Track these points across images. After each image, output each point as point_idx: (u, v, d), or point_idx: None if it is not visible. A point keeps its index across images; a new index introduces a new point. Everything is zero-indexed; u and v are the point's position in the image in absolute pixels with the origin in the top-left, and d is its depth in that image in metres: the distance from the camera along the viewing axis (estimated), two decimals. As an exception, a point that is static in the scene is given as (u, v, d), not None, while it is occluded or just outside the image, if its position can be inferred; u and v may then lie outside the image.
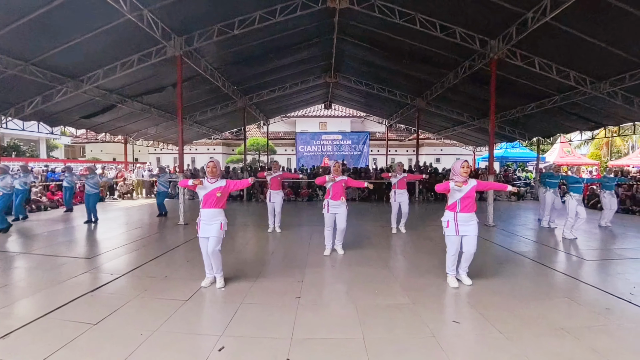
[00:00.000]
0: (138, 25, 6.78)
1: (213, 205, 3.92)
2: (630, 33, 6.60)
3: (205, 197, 3.95)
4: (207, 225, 3.91)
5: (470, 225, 3.95)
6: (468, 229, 3.95)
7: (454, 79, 10.71)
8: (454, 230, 3.95)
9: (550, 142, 19.65)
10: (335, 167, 5.34)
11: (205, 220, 3.92)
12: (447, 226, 4.01)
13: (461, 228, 3.93)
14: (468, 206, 3.94)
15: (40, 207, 10.51)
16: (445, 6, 7.32)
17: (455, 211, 3.95)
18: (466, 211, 3.94)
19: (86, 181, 8.39)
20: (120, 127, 14.79)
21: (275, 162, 8.39)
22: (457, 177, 3.90)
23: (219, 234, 3.91)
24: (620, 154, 25.92)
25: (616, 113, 10.75)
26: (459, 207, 3.93)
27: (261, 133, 27.53)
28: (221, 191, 3.94)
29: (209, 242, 3.90)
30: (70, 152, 31.51)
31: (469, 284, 4.08)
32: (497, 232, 7.56)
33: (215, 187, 3.94)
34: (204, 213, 3.93)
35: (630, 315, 3.30)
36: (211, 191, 3.93)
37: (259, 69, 11.67)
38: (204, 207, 3.95)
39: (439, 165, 22.22)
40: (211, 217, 3.90)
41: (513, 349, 2.66)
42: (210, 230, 3.89)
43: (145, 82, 10.39)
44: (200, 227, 3.94)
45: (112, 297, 3.68)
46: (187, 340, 2.82)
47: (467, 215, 3.94)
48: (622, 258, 5.50)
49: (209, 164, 4.05)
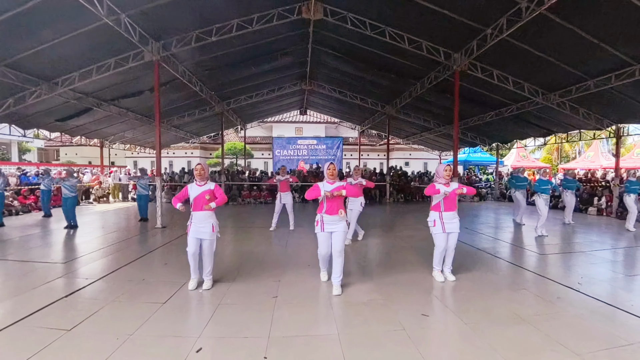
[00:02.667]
0: (115, 29, 6.72)
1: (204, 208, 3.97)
2: (575, 49, 7.37)
3: (195, 200, 3.99)
4: (199, 228, 3.95)
5: (453, 222, 4.34)
6: (452, 227, 4.32)
7: (421, 89, 11.30)
8: (440, 228, 4.29)
9: (508, 147, 21.00)
10: (330, 170, 4.05)
11: (196, 222, 3.96)
12: (433, 225, 4.35)
13: (447, 225, 4.29)
14: (451, 205, 4.31)
15: (12, 212, 10.02)
16: (413, 21, 7.78)
17: (440, 211, 4.30)
18: (450, 210, 4.30)
19: (63, 184, 8.15)
20: (96, 130, 14.24)
21: (283, 167, 8.63)
22: (440, 179, 4.28)
23: (212, 236, 3.99)
24: (568, 158, 28.08)
25: (564, 121, 11.75)
26: (442, 207, 4.29)
27: (239, 137, 27.40)
28: (210, 194, 4.00)
29: (204, 244, 3.97)
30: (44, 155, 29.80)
31: (453, 279, 4.41)
32: (462, 230, 8.06)
33: (205, 190, 4.00)
34: (196, 216, 3.97)
35: (577, 303, 3.71)
36: (200, 194, 3.98)
37: (237, 76, 11.74)
38: (195, 209, 3.99)
39: (408, 169, 23.16)
40: (202, 219, 3.95)
41: (476, 338, 2.91)
42: (203, 233, 3.95)
43: (123, 86, 10.15)
44: (190, 228, 3.97)
45: (87, 302, 3.61)
46: (164, 343, 2.80)
47: (451, 214, 4.31)
48: (572, 251, 6.12)
49: (197, 167, 4.09)
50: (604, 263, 5.36)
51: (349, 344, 2.82)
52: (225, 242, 6.81)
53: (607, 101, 9.39)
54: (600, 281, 4.45)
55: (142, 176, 9.54)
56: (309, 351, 2.73)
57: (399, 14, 7.68)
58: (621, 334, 2.97)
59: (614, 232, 8.02)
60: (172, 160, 27.20)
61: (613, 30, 6.51)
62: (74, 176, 8.66)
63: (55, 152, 30.54)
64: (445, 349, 2.82)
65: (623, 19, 6.10)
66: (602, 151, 20.95)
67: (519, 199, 8.99)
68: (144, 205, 9.23)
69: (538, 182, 8.03)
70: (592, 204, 11.59)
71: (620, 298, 3.86)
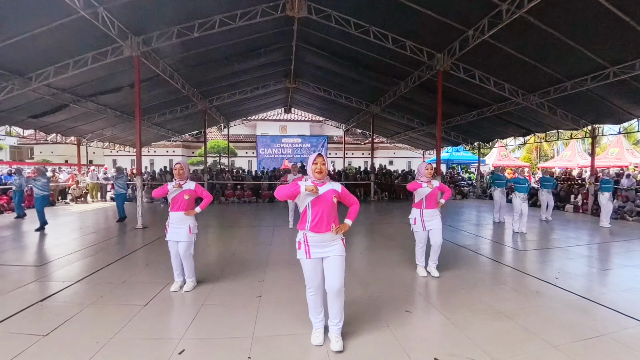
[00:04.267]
0: (93, 22, 6.52)
1: (182, 208, 3.85)
2: (554, 52, 7.61)
3: (173, 200, 3.88)
4: (176, 229, 3.84)
5: (434, 219, 4.42)
6: (433, 223, 4.41)
7: (405, 88, 11.42)
8: (420, 226, 4.41)
9: (489, 146, 21.45)
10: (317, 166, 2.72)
11: (173, 223, 3.85)
12: (414, 223, 4.45)
13: (427, 223, 4.39)
14: (432, 203, 4.40)
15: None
16: (397, 20, 7.85)
17: (421, 208, 4.40)
18: (431, 207, 4.39)
19: (34, 183, 7.88)
20: (73, 127, 13.79)
21: (294, 164, 8.58)
22: (422, 178, 4.36)
23: (189, 238, 3.85)
24: (547, 157, 28.95)
25: (543, 121, 12.10)
26: (424, 204, 4.38)
27: (222, 136, 27.11)
28: (189, 194, 3.89)
29: (180, 246, 3.85)
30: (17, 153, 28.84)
31: (437, 275, 4.47)
32: (444, 228, 8.19)
33: (183, 190, 3.88)
34: (173, 216, 3.86)
35: (555, 296, 3.83)
36: (179, 194, 3.87)
37: (220, 73, 11.58)
38: (173, 209, 3.88)
39: (392, 167, 23.42)
40: (179, 220, 3.84)
41: (458, 332, 2.99)
42: (180, 234, 3.83)
43: (101, 82, 9.88)
44: (168, 230, 3.87)
45: (65, 305, 3.48)
46: (145, 346, 2.74)
47: (432, 211, 4.40)
48: (550, 247, 6.30)
49: (176, 166, 3.96)
50: (580, 258, 5.54)
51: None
52: (209, 242, 6.74)
53: (583, 102, 9.72)
54: (576, 275, 4.61)
55: (118, 175, 9.31)
56: (294, 350, 2.72)
57: (383, 14, 7.73)
58: (596, 326, 3.10)
59: (589, 229, 8.30)
60: (153, 159, 26.75)
61: (589, 34, 6.75)
62: (45, 175, 8.33)
63: (29, 151, 29.58)
64: (428, 343, 2.85)
65: (599, 24, 6.33)
66: (578, 150, 21.71)
67: (497, 198, 9.19)
68: (120, 204, 9.02)
69: (515, 181, 8.26)
70: (569, 202, 11.97)
71: (594, 291, 4.00)
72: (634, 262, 5.32)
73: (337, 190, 2.79)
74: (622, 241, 6.90)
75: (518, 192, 7.81)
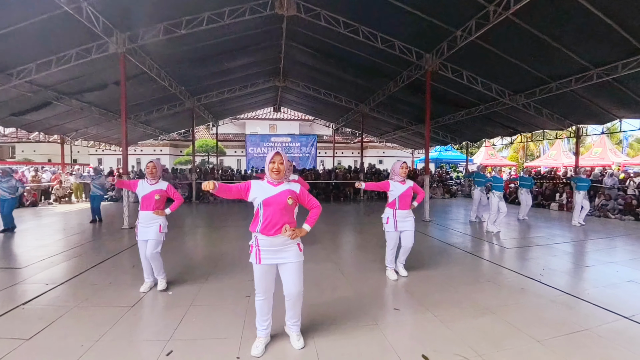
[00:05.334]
0: (76, 18, 6.37)
1: (152, 208, 3.81)
2: (539, 53, 7.75)
3: (143, 199, 3.82)
4: (145, 228, 3.79)
5: (407, 221, 4.34)
6: (406, 225, 4.33)
7: (394, 88, 11.50)
8: (392, 226, 4.31)
9: (477, 145, 21.77)
10: (274, 165, 2.55)
11: (143, 222, 3.80)
12: (386, 222, 4.36)
13: (399, 224, 4.30)
14: (406, 204, 4.33)
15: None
16: (386, 20, 7.89)
17: (394, 208, 4.32)
18: (404, 208, 4.32)
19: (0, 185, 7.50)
20: (57, 125, 13.47)
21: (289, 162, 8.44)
22: (396, 177, 4.31)
23: (158, 237, 3.80)
24: (533, 157, 29.51)
25: (529, 121, 12.34)
26: (397, 205, 4.30)
27: (210, 134, 26.88)
28: (160, 194, 3.84)
29: (147, 244, 3.79)
30: None
31: (405, 275, 4.47)
32: (432, 226, 8.31)
33: (154, 190, 3.83)
34: (142, 215, 3.81)
35: (540, 293, 3.91)
36: (150, 193, 3.81)
37: (208, 71, 11.46)
38: (142, 209, 3.82)
39: (382, 167, 23.57)
40: (149, 219, 3.80)
41: (445, 329, 3.03)
42: (149, 233, 3.77)
43: (85, 79, 9.67)
44: (138, 230, 3.82)
45: (48, 308, 3.39)
46: (132, 348, 2.71)
47: (405, 212, 4.33)
48: (535, 245, 6.41)
49: (148, 165, 3.91)
50: (564, 255, 5.67)
51: (323, 339, 2.84)
52: (196, 242, 6.67)
53: (568, 103, 9.95)
54: (560, 272, 4.70)
55: (95, 175, 9.03)
56: (283, 348, 2.72)
57: (372, 13, 7.75)
58: (578, 321, 3.18)
59: (573, 226, 8.46)
60: (140, 158, 26.38)
61: (573, 36, 6.91)
62: (12, 175, 7.88)
63: (10, 149, 28.82)
64: (416, 341, 2.88)
65: (583, 27, 6.48)
66: (563, 150, 22.18)
67: (476, 196, 9.32)
68: (96, 206, 8.75)
69: (493, 180, 8.40)
70: (554, 200, 12.22)
71: (577, 287, 4.11)
72: (615, 258, 5.46)
73: (295, 191, 2.58)
74: (605, 238, 7.07)
75: (495, 190, 7.93)
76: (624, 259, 5.44)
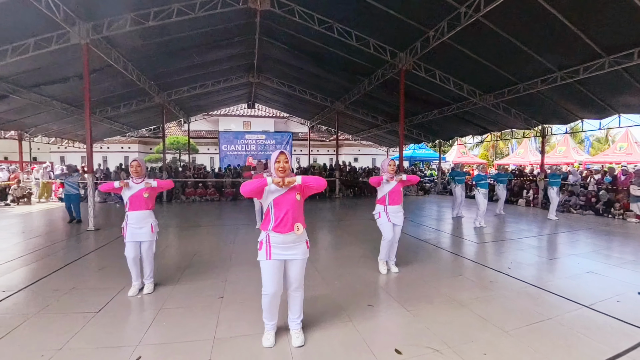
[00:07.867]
0: (34, 5, 5.98)
1: (142, 207, 3.71)
2: (508, 55, 8.02)
3: (131, 199, 3.69)
4: (138, 229, 3.67)
5: (398, 216, 4.40)
6: (397, 220, 4.38)
7: (368, 86, 11.59)
8: (385, 218, 4.33)
9: (450, 144, 22.34)
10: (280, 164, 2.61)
11: (134, 223, 3.66)
12: (379, 217, 4.39)
13: (392, 217, 4.34)
14: (396, 199, 4.37)
15: None
16: (361, 18, 7.90)
17: (385, 204, 4.36)
18: (395, 203, 4.36)
19: None
20: (13, 120, 12.60)
21: (260, 161, 8.26)
22: (385, 174, 4.34)
23: (152, 237, 3.76)
24: (502, 155, 30.68)
25: (498, 121, 12.78)
26: (387, 200, 4.34)
27: (182, 131, 26.14)
28: (148, 192, 3.74)
29: (143, 246, 3.72)
30: None
31: (396, 271, 4.53)
32: (407, 223, 8.42)
33: (142, 188, 3.72)
34: (132, 216, 3.68)
35: (508, 285, 4.06)
36: (138, 192, 3.70)
37: (179, 65, 11.05)
38: (132, 209, 3.69)
39: (357, 164, 23.75)
40: (141, 220, 3.68)
41: (417, 323, 3.09)
42: (142, 235, 3.69)
43: (45, 71, 9.08)
44: (127, 231, 3.67)
45: (4, 317, 3.19)
46: (97, 355, 2.59)
47: (396, 207, 4.38)
48: (504, 240, 6.65)
49: (132, 164, 3.79)
50: (530, 249, 5.91)
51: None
52: (168, 243, 6.43)
53: (534, 103, 10.38)
54: (527, 265, 4.91)
55: (70, 173, 8.62)
56: (257, 350, 2.67)
57: (347, 11, 7.75)
58: (542, 311, 3.32)
59: (539, 221, 8.87)
60: (107, 156, 25.20)
61: (539, 39, 7.20)
62: None
63: (-39, 147, 26.70)
64: (389, 335, 2.92)
65: (548, 31, 6.74)
66: (530, 148, 23.17)
67: (457, 193, 9.58)
68: (76, 205, 8.37)
69: (476, 177, 8.62)
70: (522, 197, 12.74)
71: (542, 279, 4.29)
72: (577, 251, 5.76)
73: (299, 183, 2.58)
74: (568, 232, 7.45)
75: (480, 188, 8.15)
76: (584, 251, 5.73)
